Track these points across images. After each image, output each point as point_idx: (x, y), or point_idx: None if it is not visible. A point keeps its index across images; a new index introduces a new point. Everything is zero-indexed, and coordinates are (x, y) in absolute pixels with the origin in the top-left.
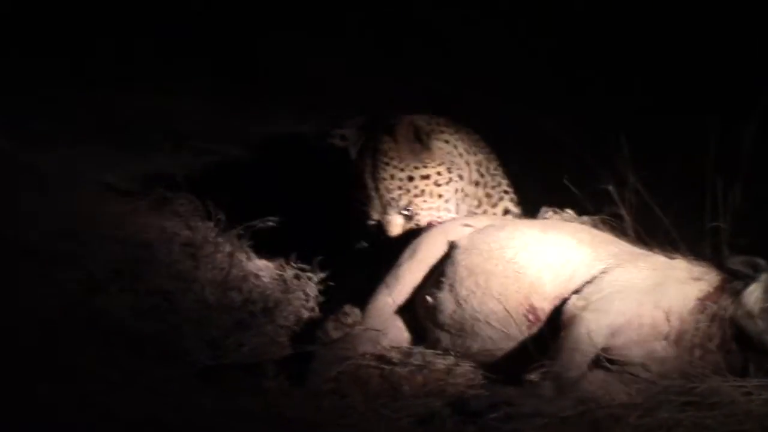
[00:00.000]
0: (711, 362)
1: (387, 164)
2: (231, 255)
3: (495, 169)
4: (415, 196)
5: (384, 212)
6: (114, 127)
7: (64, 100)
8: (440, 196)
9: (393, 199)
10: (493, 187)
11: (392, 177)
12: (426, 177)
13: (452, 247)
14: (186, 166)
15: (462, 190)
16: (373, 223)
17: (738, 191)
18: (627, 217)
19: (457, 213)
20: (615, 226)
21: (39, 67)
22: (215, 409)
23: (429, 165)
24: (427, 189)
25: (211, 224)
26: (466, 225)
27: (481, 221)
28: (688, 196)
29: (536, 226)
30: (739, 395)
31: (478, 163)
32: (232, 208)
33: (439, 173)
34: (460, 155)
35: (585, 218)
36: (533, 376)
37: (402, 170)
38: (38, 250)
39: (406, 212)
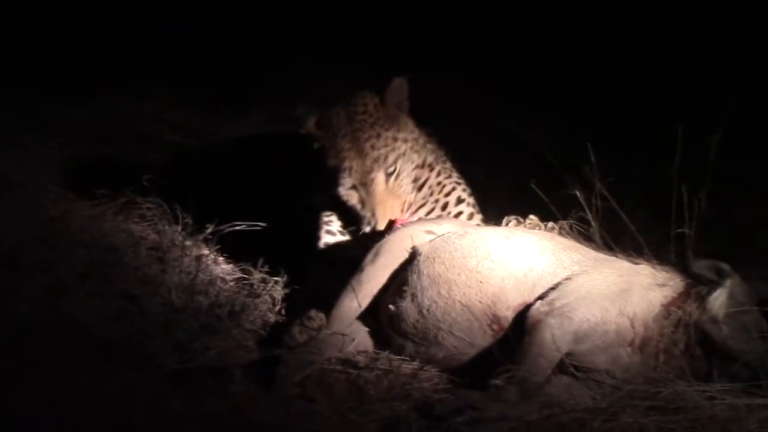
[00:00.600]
0: (675, 367)
1: (374, 124)
2: (198, 259)
3: (445, 162)
4: (399, 155)
5: (370, 171)
6: (80, 130)
7: (29, 103)
8: (412, 162)
9: (381, 155)
10: (446, 177)
11: (379, 136)
12: (405, 140)
13: (414, 253)
14: (153, 170)
15: (417, 179)
16: (348, 188)
17: (703, 197)
18: (593, 223)
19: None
20: (581, 231)
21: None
22: (183, 413)
23: (406, 131)
24: (407, 152)
25: (179, 228)
26: (428, 231)
27: (443, 227)
28: (653, 202)
29: (499, 234)
30: (703, 400)
31: (432, 151)
32: (199, 211)
33: (415, 140)
34: (416, 139)
35: (550, 224)
36: (498, 381)
37: (387, 130)
38: (5, 255)
39: (392, 169)
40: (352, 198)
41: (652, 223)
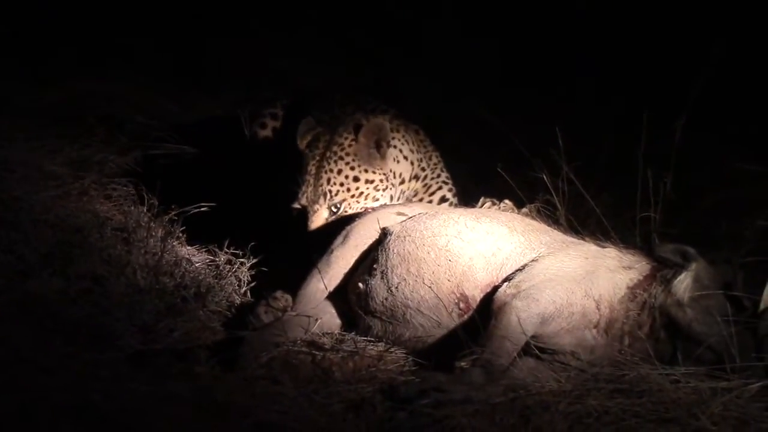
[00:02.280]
0: (640, 350)
1: (341, 159)
2: (163, 240)
3: (435, 164)
4: (352, 196)
5: (314, 201)
6: (49, 111)
7: None
8: (376, 199)
9: (330, 191)
10: (432, 179)
11: (339, 172)
12: (370, 182)
13: (385, 234)
14: (120, 151)
15: (403, 193)
16: (298, 207)
17: (668, 182)
18: (560, 206)
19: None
20: (548, 214)
21: None
22: (146, 394)
23: (377, 171)
24: (366, 192)
25: (144, 209)
26: (399, 213)
27: (413, 209)
28: (619, 186)
29: (469, 215)
30: (668, 383)
31: (420, 160)
32: (165, 193)
33: (381, 180)
34: (405, 158)
35: (524, 209)
36: (464, 363)
37: (352, 169)
38: None
39: (335, 208)
40: (295, 212)
41: (618, 206)
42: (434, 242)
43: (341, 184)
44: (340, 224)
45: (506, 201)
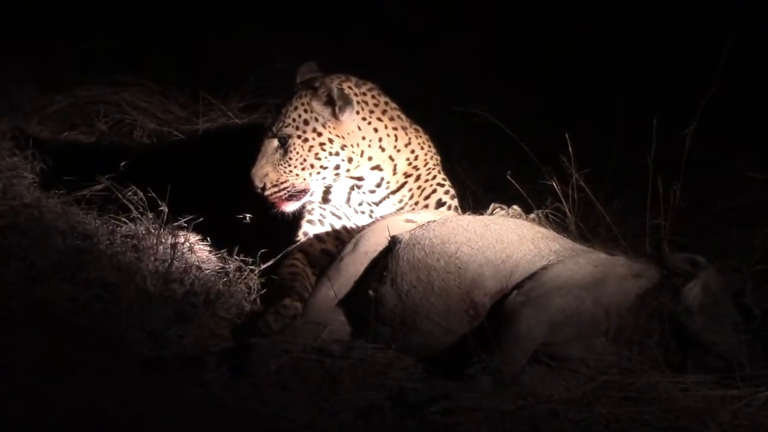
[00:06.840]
0: (650, 358)
1: (300, 101)
2: (173, 247)
3: (434, 166)
4: (299, 137)
5: (270, 127)
6: (59, 117)
7: (7, 90)
8: (318, 157)
9: (284, 121)
10: (426, 181)
11: (296, 109)
12: (318, 134)
13: (394, 241)
14: (130, 157)
15: (387, 184)
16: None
17: (678, 190)
18: (569, 214)
19: (392, 201)
20: (558, 221)
21: None
22: (156, 400)
23: (329, 129)
24: (312, 142)
25: (154, 216)
26: (409, 220)
27: (423, 217)
28: (629, 194)
29: (478, 222)
30: (677, 391)
31: (409, 160)
32: (176, 199)
33: (331, 141)
34: (381, 149)
35: (532, 215)
36: (473, 371)
37: (306, 111)
38: None
39: (282, 141)
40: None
41: (627, 214)
42: (444, 250)
43: (293, 120)
44: (347, 232)
45: (515, 207)
